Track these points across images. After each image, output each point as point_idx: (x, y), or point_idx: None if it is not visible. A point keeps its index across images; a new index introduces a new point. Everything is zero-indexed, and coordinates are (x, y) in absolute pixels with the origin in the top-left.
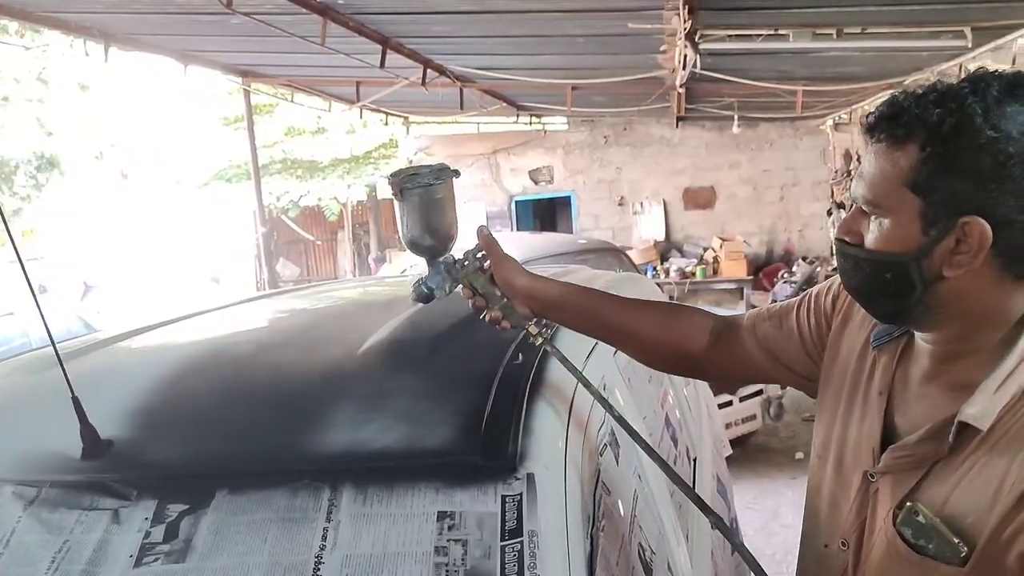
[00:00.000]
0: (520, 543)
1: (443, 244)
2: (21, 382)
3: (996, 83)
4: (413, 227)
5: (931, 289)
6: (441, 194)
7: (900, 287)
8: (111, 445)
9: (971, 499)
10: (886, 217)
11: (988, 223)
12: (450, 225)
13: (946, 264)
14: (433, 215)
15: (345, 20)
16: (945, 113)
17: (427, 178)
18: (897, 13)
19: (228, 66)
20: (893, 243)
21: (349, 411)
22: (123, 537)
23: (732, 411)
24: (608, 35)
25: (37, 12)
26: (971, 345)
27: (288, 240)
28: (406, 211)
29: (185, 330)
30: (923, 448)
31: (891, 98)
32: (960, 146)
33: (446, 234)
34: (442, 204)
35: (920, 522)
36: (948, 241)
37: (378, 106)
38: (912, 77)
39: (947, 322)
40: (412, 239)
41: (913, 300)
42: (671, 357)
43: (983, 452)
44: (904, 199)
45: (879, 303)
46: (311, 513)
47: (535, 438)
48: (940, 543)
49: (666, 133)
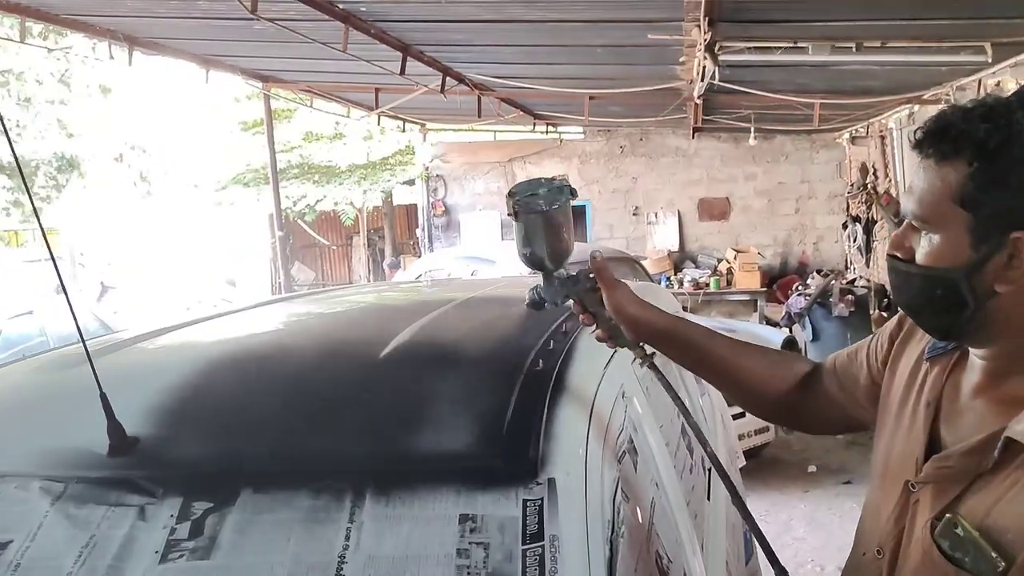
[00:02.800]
0: (541, 547)
1: (558, 260)
2: (49, 379)
3: None
4: (532, 244)
5: (983, 305)
6: (560, 214)
7: (951, 303)
8: (137, 442)
9: (1012, 515)
10: (936, 233)
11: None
12: (567, 242)
13: (998, 280)
14: (551, 233)
15: (367, 27)
16: (993, 128)
17: (547, 198)
18: (917, 28)
19: (249, 71)
20: (943, 259)
21: (372, 413)
22: (149, 533)
23: (745, 422)
24: (627, 46)
25: (63, 15)
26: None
27: (303, 244)
28: (525, 229)
29: (210, 330)
30: (967, 461)
31: (939, 113)
32: (1009, 161)
33: (563, 251)
34: (561, 222)
35: (959, 535)
36: (1000, 257)
37: (396, 112)
38: (931, 91)
39: (1001, 338)
40: (530, 255)
41: (965, 316)
42: (769, 401)
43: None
44: (953, 215)
45: (931, 319)
46: (334, 513)
47: (556, 444)
48: (977, 557)
49: (682, 144)
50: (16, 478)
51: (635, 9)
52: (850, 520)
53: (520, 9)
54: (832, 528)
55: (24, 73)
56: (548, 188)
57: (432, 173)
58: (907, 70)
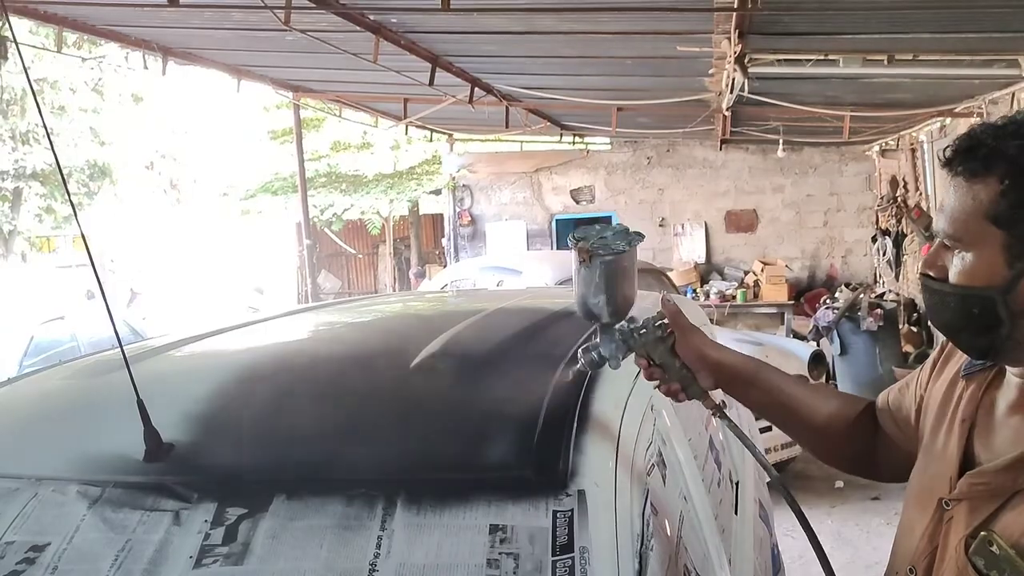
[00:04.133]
0: (571, 559)
1: (621, 312)
2: (86, 385)
3: None
4: (595, 294)
5: (1020, 323)
6: (628, 262)
7: (988, 322)
8: (173, 448)
9: None
10: (969, 251)
11: None
12: (631, 293)
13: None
14: (616, 282)
15: (397, 38)
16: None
17: (617, 245)
18: (950, 41)
19: (280, 81)
20: (978, 277)
21: (403, 423)
22: (183, 538)
23: (772, 436)
24: (656, 57)
25: (99, 26)
26: None
27: (330, 253)
28: (589, 277)
29: (243, 339)
30: (1002, 478)
31: (968, 131)
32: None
33: (626, 302)
34: (627, 271)
35: (994, 552)
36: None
37: (424, 123)
38: (963, 105)
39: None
40: (592, 307)
41: (1002, 335)
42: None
43: None
44: (986, 232)
45: (968, 339)
46: (366, 521)
47: (586, 456)
48: (1013, 574)
49: (709, 155)
50: (54, 482)
51: (665, 21)
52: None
53: (550, 21)
54: (859, 544)
55: (58, 82)
56: (615, 232)
57: (459, 183)
58: (939, 83)
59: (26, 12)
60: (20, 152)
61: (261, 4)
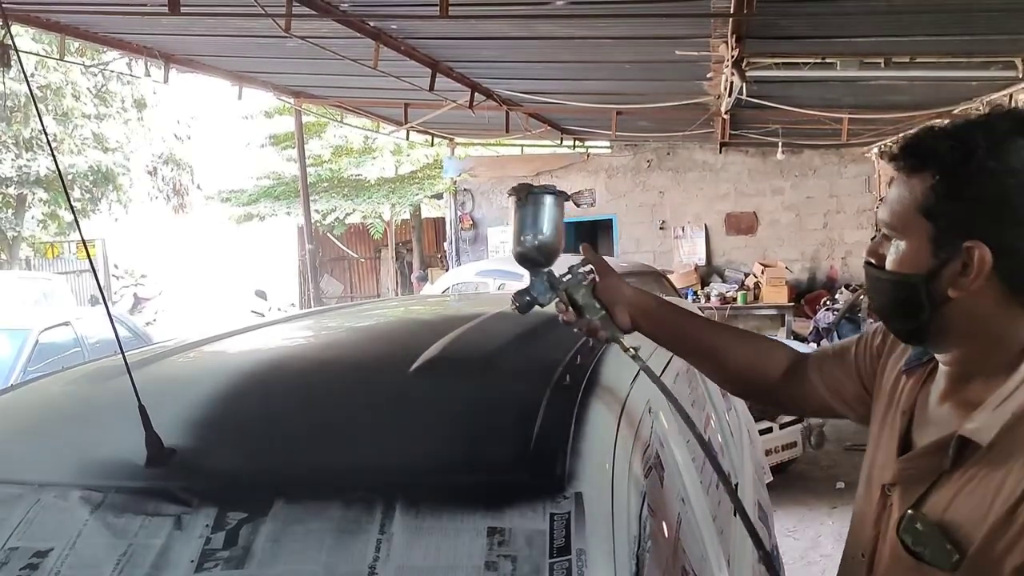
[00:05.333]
0: (568, 561)
1: (548, 257)
2: (88, 390)
3: (1005, 120)
4: (527, 235)
5: (940, 310)
6: (552, 212)
7: (912, 307)
8: (174, 453)
9: (967, 509)
10: (902, 240)
11: (990, 249)
12: (557, 241)
13: (952, 286)
14: (547, 227)
15: (397, 44)
16: (954, 145)
17: (542, 196)
18: (947, 43)
19: (281, 87)
20: (907, 265)
21: (402, 427)
22: (185, 543)
23: (773, 438)
24: (655, 62)
25: (102, 33)
26: (980, 366)
27: (332, 257)
28: (522, 218)
29: (244, 343)
30: (928, 461)
31: (918, 130)
32: (966, 176)
33: (552, 247)
34: (554, 218)
35: (919, 529)
36: (955, 265)
37: (425, 127)
38: (961, 107)
39: (957, 343)
40: (526, 248)
41: (924, 320)
42: (747, 382)
43: (982, 466)
44: (917, 224)
45: (896, 322)
46: (365, 525)
47: (584, 458)
48: (935, 550)
49: (709, 158)
50: (56, 487)
51: (663, 26)
52: None
53: (549, 26)
54: None
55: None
56: (546, 189)
57: (460, 187)
58: (936, 85)
59: (28, 20)
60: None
61: (262, 11)
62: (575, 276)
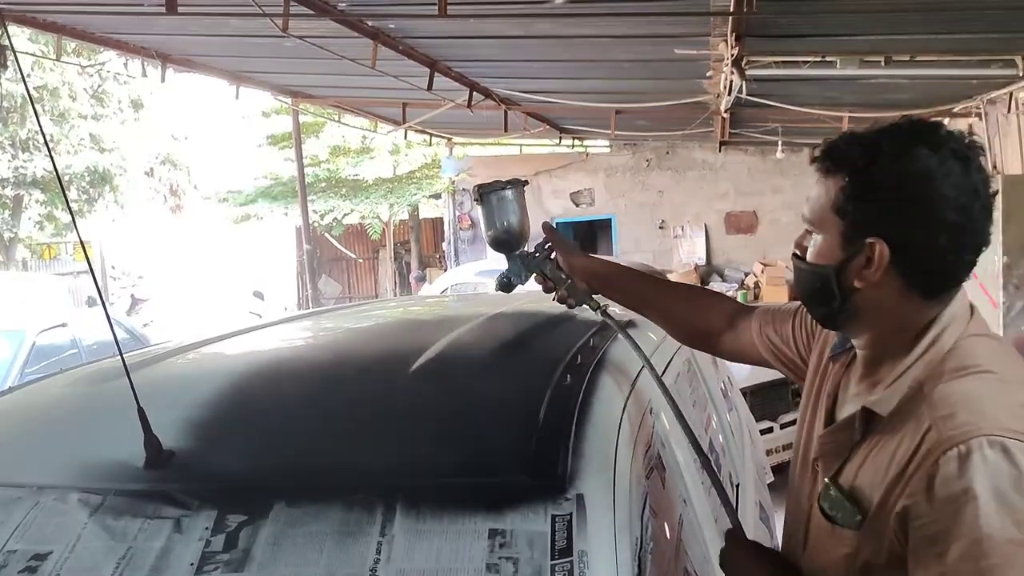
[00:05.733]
0: (570, 563)
1: (518, 240)
2: (87, 392)
3: (909, 129)
4: (494, 226)
5: (849, 298)
6: (514, 198)
7: (825, 295)
8: (173, 455)
9: (870, 474)
10: (819, 235)
11: (889, 244)
12: (523, 224)
13: (858, 277)
14: (509, 216)
15: (395, 44)
16: (863, 151)
17: (503, 186)
18: (947, 42)
19: (279, 87)
20: (822, 257)
21: (402, 428)
22: (185, 545)
23: (773, 438)
24: (654, 60)
25: (98, 34)
26: (886, 349)
27: (330, 258)
28: (487, 213)
29: (243, 345)
30: (843, 435)
31: (840, 135)
32: (870, 179)
33: (520, 232)
34: (515, 207)
35: (832, 496)
36: (860, 258)
37: (423, 127)
38: (961, 104)
39: (866, 328)
40: (493, 236)
41: (835, 306)
42: (693, 333)
43: (884, 435)
44: (831, 221)
45: (813, 307)
46: (366, 527)
47: (585, 459)
48: (844, 512)
49: (708, 157)
50: (55, 490)
51: (662, 25)
52: None
53: (547, 25)
54: None
55: (58, 89)
56: (507, 180)
57: (458, 187)
58: (937, 84)
59: (25, 20)
60: (21, 159)
61: (259, 11)
62: (541, 253)
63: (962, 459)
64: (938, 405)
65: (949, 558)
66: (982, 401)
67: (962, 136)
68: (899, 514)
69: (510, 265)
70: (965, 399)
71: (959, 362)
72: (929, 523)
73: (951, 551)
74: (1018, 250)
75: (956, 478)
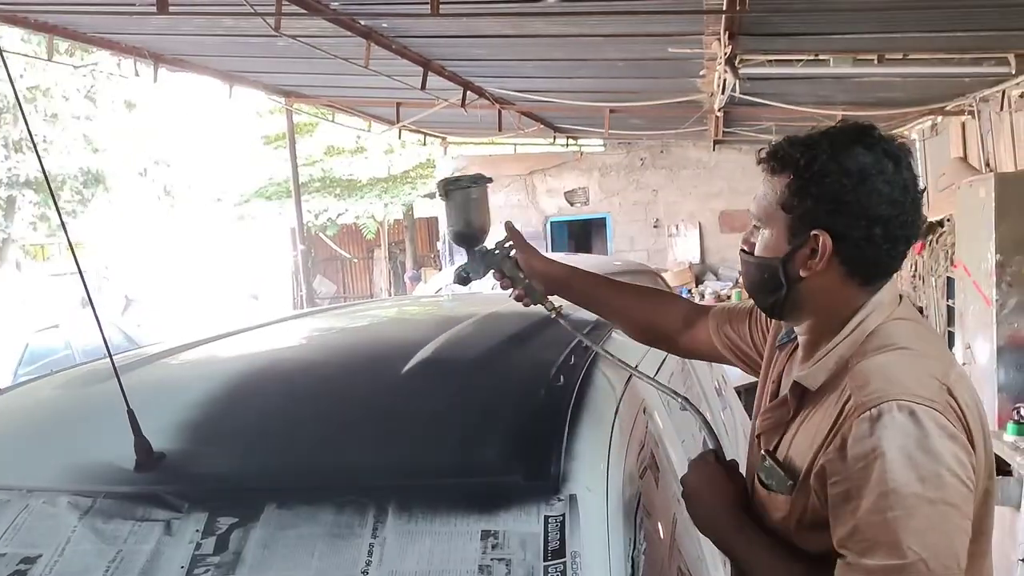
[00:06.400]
0: (563, 564)
1: (479, 236)
2: (77, 394)
3: (848, 130)
4: (456, 221)
5: (794, 287)
6: (477, 195)
7: (772, 285)
8: (164, 458)
9: (800, 445)
10: (767, 229)
11: (831, 236)
12: (484, 221)
13: (803, 267)
14: (471, 212)
15: (388, 43)
16: (805, 151)
17: (466, 182)
18: (940, 40)
19: (272, 87)
20: (769, 250)
21: (395, 429)
22: (175, 548)
23: None
24: (648, 59)
25: (90, 33)
26: (823, 333)
27: (325, 258)
28: (450, 208)
29: (235, 346)
30: (778, 411)
31: (785, 138)
32: (812, 176)
33: (481, 228)
34: (478, 203)
35: (767, 467)
36: (805, 250)
37: (417, 127)
38: (954, 103)
39: (808, 315)
40: (455, 231)
41: (781, 296)
42: (651, 333)
43: (813, 408)
44: (778, 216)
45: (761, 298)
46: (357, 529)
47: (578, 460)
48: (778, 480)
49: (703, 156)
50: (45, 493)
51: (655, 24)
52: None
53: (541, 24)
54: None
55: (51, 89)
56: (469, 176)
57: None
58: (930, 82)
59: (16, 20)
60: (13, 160)
61: (251, 10)
62: (501, 251)
63: (872, 421)
64: (856, 376)
65: (860, 511)
66: (895, 371)
67: (892, 138)
68: (817, 473)
69: (469, 260)
70: (880, 370)
71: (880, 341)
72: (842, 480)
73: (861, 505)
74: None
75: (867, 437)
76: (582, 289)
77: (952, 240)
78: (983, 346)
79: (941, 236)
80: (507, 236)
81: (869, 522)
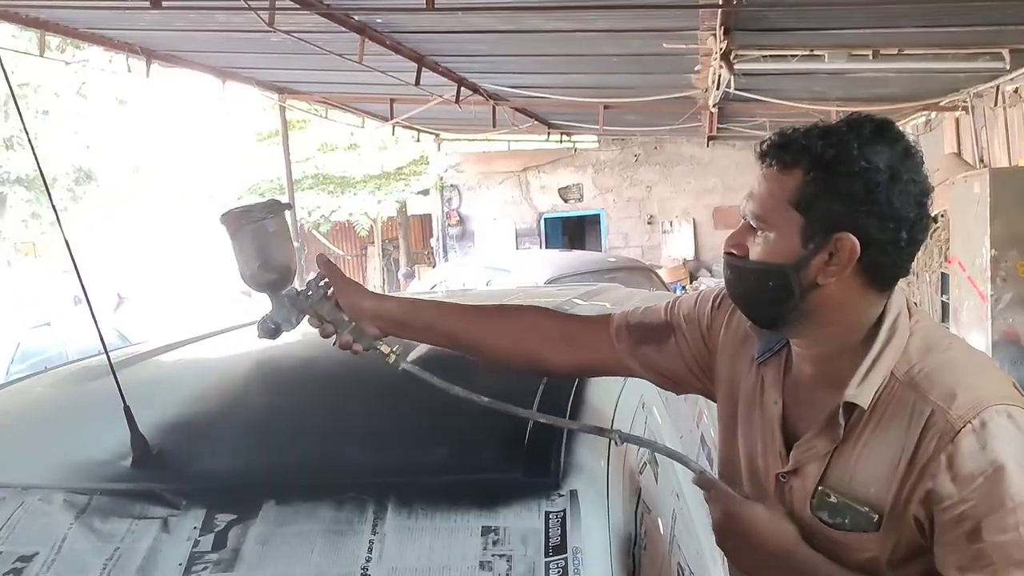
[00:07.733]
0: (564, 560)
1: (283, 277)
2: (73, 391)
3: (869, 124)
4: (251, 262)
5: (807, 296)
6: (275, 228)
7: (781, 294)
8: (161, 454)
9: (869, 472)
10: (772, 232)
11: (857, 240)
12: (288, 257)
13: (820, 274)
14: (269, 249)
15: (382, 39)
16: (827, 144)
17: (259, 213)
18: (935, 35)
19: (265, 83)
20: (776, 255)
21: (394, 426)
22: (173, 545)
23: None
24: (642, 55)
25: (82, 29)
26: (840, 346)
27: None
28: (242, 247)
29: (230, 343)
30: (822, 439)
31: (781, 130)
32: (838, 173)
33: (284, 266)
34: (277, 237)
35: (833, 503)
36: (823, 254)
37: (411, 123)
38: (948, 98)
39: (820, 326)
40: (251, 274)
41: (791, 305)
42: (518, 359)
43: (871, 429)
44: (788, 216)
45: (761, 309)
46: (357, 525)
47: (578, 456)
48: (854, 516)
49: (697, 152)
50: (41, 490)
51: (651, 19)
52: None
53: (536, 20)
54: None
55: (42, 86)
56: (261, 204)
57: (446, 183)
58: (924, 77)
59: (7, 16)
60: (4, 157)
61: (245, 5)
62: (315, 291)
63: (978, 433)
64: (930, 386)
65: (985, 533)
66: (969, 375)
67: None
68: (921, 501)
69: (275, 308)
70: (955, 376)
71: (923, 344)
72: (957, 502)
73: (985, 525)
74: (1005, 243)
75: (979, 452)
76: (426, 324)
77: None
78: (977, 341)
79: (935, 232)
80: (320, 273)
81: (998, 542)
